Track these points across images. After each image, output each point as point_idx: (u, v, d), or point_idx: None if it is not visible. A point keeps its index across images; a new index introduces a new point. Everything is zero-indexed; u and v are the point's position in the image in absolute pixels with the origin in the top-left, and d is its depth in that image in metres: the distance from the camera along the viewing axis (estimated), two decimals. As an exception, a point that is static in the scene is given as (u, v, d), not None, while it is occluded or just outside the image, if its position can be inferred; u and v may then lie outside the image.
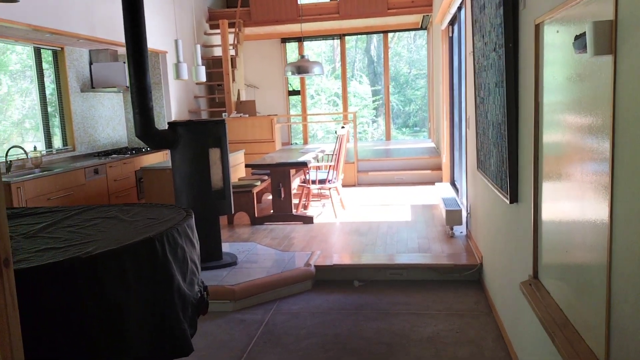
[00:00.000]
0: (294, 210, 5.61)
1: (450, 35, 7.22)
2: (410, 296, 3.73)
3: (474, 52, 3.70)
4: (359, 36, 17.68)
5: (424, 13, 9.30)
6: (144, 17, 3.76)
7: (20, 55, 5.96)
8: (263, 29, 10.02)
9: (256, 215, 5.61)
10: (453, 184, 7.42)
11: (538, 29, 2.15)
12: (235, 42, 9.20)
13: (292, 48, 12.32)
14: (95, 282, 1.44)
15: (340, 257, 4.34)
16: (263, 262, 4.26)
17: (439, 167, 7.91)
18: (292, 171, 5.93)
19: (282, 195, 5.52)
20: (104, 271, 1.46)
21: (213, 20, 9.54)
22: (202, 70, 6.31)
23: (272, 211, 5.70)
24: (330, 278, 4.10)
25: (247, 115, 8.14)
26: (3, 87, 5.71)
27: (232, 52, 9.20)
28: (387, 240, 4.73)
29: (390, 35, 13.72)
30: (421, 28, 11.19)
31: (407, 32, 17.32)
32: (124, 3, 3.70)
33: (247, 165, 5.53)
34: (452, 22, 7.03)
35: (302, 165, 5.42)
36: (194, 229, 1.92)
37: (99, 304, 1.45)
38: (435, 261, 4.06)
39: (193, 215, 1.98)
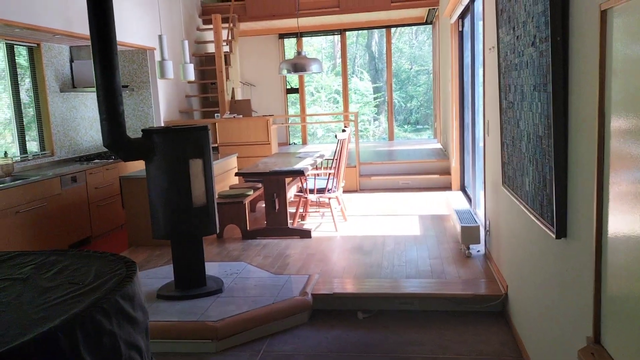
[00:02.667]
0: (289, 223, 5.06)
1: (460, 29, 6.67)
2: (423, 332, 3.19)
3: (498, 47, 3.16)
4: (359, 32, 17.16)
5: (429, 6, 8.73)
6: (111, 2, 3.21)
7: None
8: (259, 24, 9.46)
9: (248, 228, 5.07)
10: (463, 190, 6.88)
11: (605, 16, 1.61)
12: (230, 38, 8.65)
13: (290, 44, 11.77)
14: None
15: (341, 283, 3.80)
16: (253, 288, 3.72)
17: (447, 172, 7.37)
18: (288, 179, 5.39)
19: (277, 207, 4.99)
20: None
21: (206, 15, 8.98)
22: (190, 68, 5.77)
23: (265, 223, 5.16)
24: (330, 308, 3.56)
25: (240, 116, 7.60)
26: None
27: (226, 48, 8.66)
28: (395, 261, 4.19)
29: (392, 30, 13.19)
30: (426, 22, 10.63)
31: (408, 28, 16.80)
32: (87, -11, 3.15)
33: (237, 174, 4.99)
34: (462, 15, 6.48)
35: (298, 174, 4.88)
36: (135, 296, 1.38)
37: None
38: (452, 290, 3.52)
39: (137, 272, 1.44)
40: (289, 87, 11.63)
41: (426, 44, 16.96)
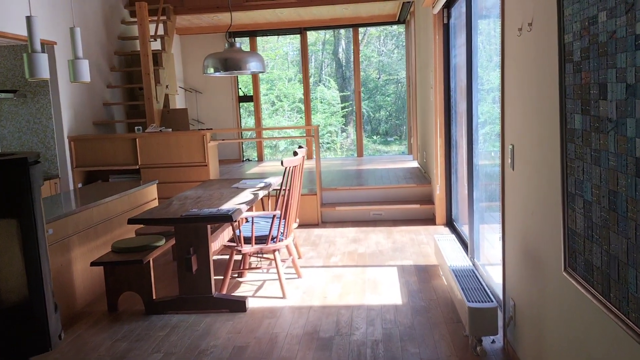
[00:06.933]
0: (214, 290, 3.48)
1: (446, 21, 5.26)
2: None
3: (560, 19, 1.71)
4: (326, 38, 15.83)
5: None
6: None
7: None
8: (203, 18, 7.90)
9: (154, 297, 3.48)
10: (451, 225, 5.45)
11: None
12: (162, 33, 7.05)
13: (244, 45, 10.24)
14: None
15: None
16: None
17: (429, 201, 5.93)
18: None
19: (194, 268, 3.41)
20: None
21: (134, 5, 7.36)
22: (84, 65, 4.16)
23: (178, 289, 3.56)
24: None
25: (170, 130, 5.99)
26: None
27: (157, 45, 7.06)
28: (367, 365, 2.67)
29: (360, 35, 11.86)
30: (398, 21, 9.26)
31: (375, 36, 15.66)
32: None
33: (130, 220, 3.37)
34: (448, 4, 5.08)
35: (224, 220, 3.31)
36: None
37: None
38: None
39: None
40: (241, 94, 10.07)
41: (395, 51, 15.79)
